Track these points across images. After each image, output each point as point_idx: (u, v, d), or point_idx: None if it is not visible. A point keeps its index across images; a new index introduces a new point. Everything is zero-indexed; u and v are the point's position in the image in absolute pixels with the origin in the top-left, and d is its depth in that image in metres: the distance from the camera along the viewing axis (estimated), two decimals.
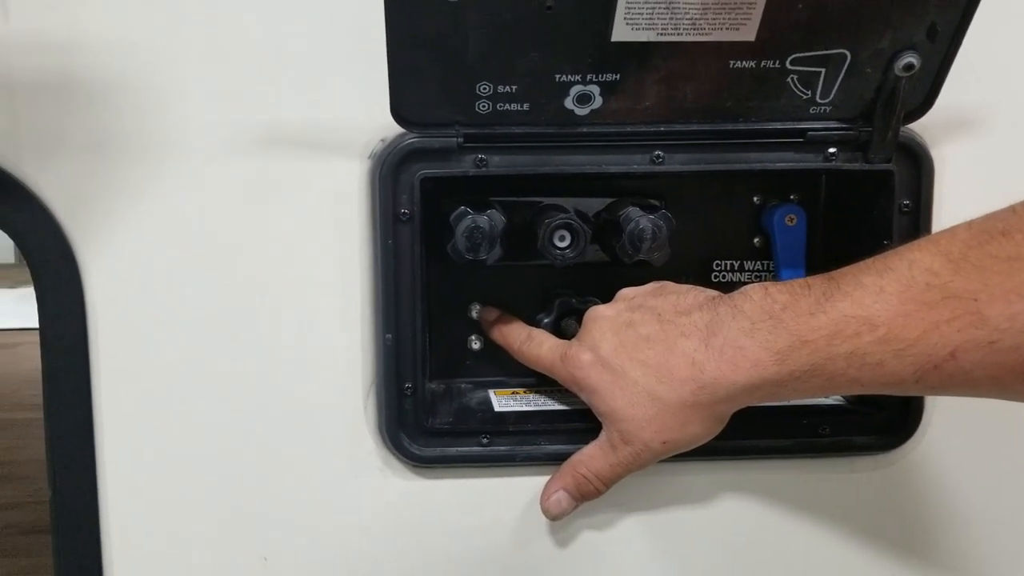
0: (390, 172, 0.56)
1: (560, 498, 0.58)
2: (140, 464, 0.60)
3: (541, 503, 0.59)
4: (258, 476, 0.60)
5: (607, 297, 0.64)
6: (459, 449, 0.60)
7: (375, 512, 0.61)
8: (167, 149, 0.56)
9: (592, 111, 0.56)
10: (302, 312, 0.59)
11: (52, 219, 0.56)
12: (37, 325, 0.58)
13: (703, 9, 0.51)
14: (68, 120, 0.56)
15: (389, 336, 0.58)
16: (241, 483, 0.60)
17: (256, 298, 0.58)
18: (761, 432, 0.61)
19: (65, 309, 0.56)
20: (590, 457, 0.57)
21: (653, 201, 0.63)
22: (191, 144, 0.57)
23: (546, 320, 0.65)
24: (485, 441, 0.60)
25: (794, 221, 0.65)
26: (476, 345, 0.66)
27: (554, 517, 0.59)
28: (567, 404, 0.63)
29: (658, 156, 0.58)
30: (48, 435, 0.58)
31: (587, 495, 0.58)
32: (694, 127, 0.57)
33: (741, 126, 0.57)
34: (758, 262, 0.67)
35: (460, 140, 0.56)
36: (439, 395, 0.64)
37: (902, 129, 0.58)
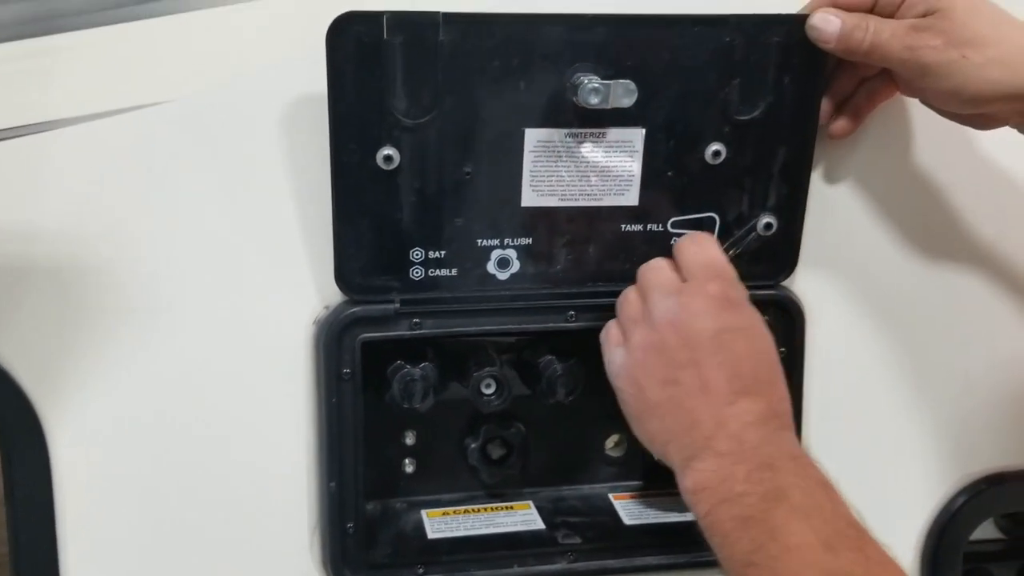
0: (334, 337, 0.63)
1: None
2: None
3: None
4: None
5: (529, 423, 0.72)
6: None
7: None
8: (128, 321, 0.61)
9: (512, 275, 0.64)
10: (254, 461, 0.65)
11: (15, 385, 0.60)
12: None
13: (591, 176, 0.62)
14: (31, 298, 0.60)
15: (333, 484, 0.64)
16: None
17: (212, 453, 0.64)
18: (657, 549, 0.70)
19: (31, 472, 0.60)
20: None
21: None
22: (150, 317, 0.62)
23: (473, 445, 0.72)
24: (421, 571, 0.67)
25: None
26: (410, 468, 0.73)
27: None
28: (497, 527, 0.70)
29: (571, 315, 0.66)
30: None
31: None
32: (600, 288, 0.66)
33: None
34: None
35: (397, 307, 0.63)
36: (376, 519, 0.71)
37: (778, 286, 0.67)
